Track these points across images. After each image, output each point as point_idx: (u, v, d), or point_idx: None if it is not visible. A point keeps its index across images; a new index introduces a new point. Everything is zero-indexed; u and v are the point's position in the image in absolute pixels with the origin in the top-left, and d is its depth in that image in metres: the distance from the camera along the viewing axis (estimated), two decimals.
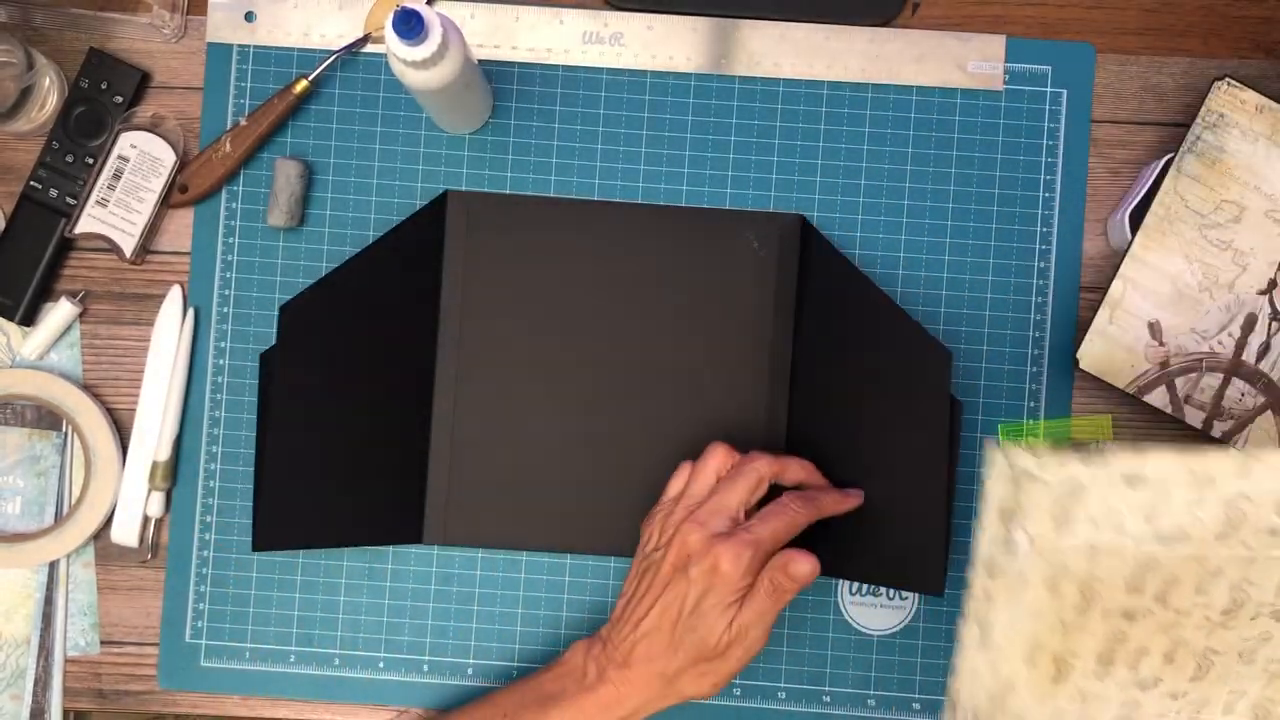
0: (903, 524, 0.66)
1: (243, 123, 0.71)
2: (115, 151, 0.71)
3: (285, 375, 0.68)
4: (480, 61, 0.71)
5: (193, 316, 0.72)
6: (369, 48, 0.73)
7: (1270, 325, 0.68)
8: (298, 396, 0.69)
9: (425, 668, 0.72)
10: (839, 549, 0.68)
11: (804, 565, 0.61)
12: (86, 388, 0.72)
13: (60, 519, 0.72)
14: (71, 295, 0.72)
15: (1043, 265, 0.72)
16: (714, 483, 0.64)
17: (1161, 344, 0.68)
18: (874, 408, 0.68)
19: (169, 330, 0.72)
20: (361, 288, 0.70)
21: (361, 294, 0.70)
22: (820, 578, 0.71)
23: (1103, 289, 0.69)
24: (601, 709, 0.61)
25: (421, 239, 0.71)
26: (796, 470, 0.66)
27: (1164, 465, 0.39)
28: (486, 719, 0.63)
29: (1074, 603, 0.40)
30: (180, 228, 0.73)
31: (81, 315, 0.73)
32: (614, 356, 0.71)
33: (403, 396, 0.71)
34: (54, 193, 0.71)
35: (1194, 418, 0.68)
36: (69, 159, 0.71)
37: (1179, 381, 0.68)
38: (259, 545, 0.68)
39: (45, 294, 0.73)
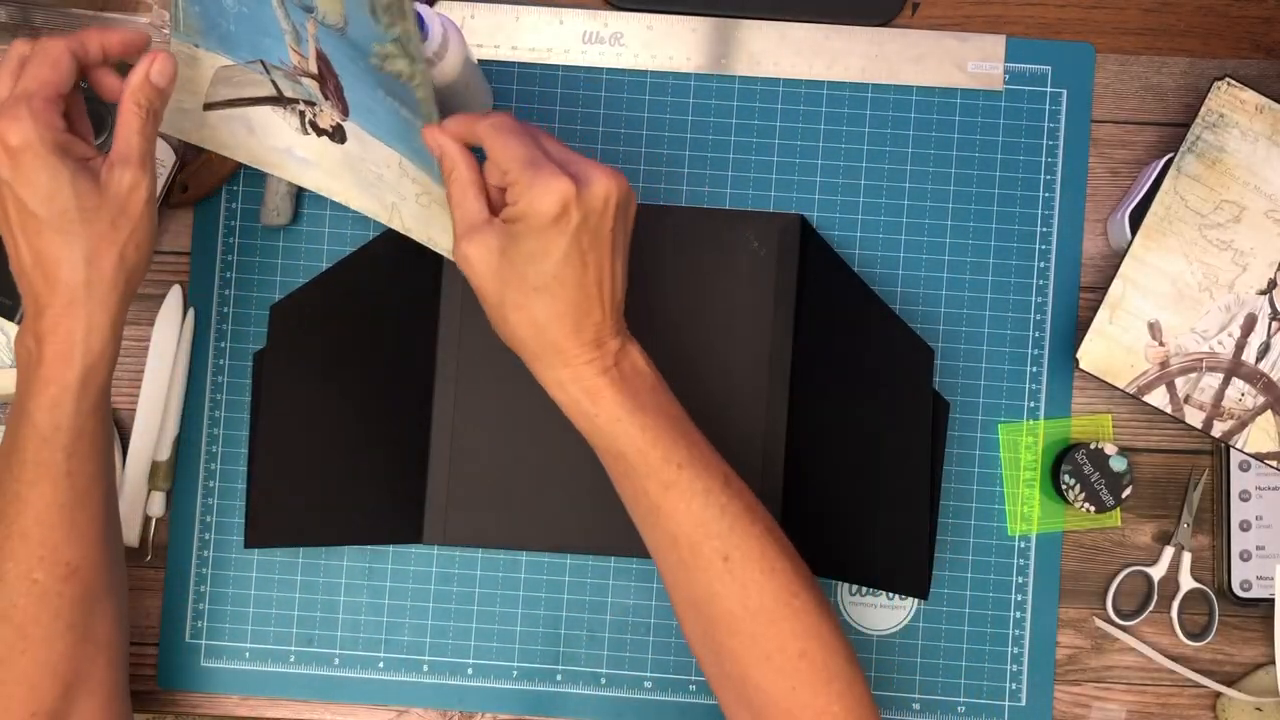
0: (889, 526, 0.66)
1: None
2: None
3: (276, 374, 0.68)
4: (480, 61, 0.71)
5: (192, 316, 0.72)
6: None
7: (1270, 325, 0.68)
8: (289, 395, 0.69)
9: (425, 668, 0.72)
10: (828, 550, 0.68)
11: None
12: None
13: None
14: None
15: (1043, 265, 0.72)
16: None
17: (1161, 344, 0.68)
18: (864, 407, 0.68)
19: (169, 330, 0.72)
20: (358, 287, 0.70)
21: (357, 293, 0.70)
22: (817, 578, 0.71)
23: (1103, 289, 0.69)
24: None
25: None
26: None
27: None
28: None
29: None
30: (180, 227, 0.73)
31: None
32: None
33: (402, 396, 0.71)
34: None
35: (1194, 418, 0.68)
36: None
37: (1179, 381, 0.68)
38: (250, 542, 0.68)
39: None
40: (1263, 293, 0.68)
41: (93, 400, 0.56)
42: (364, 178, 0.59)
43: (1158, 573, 0.72)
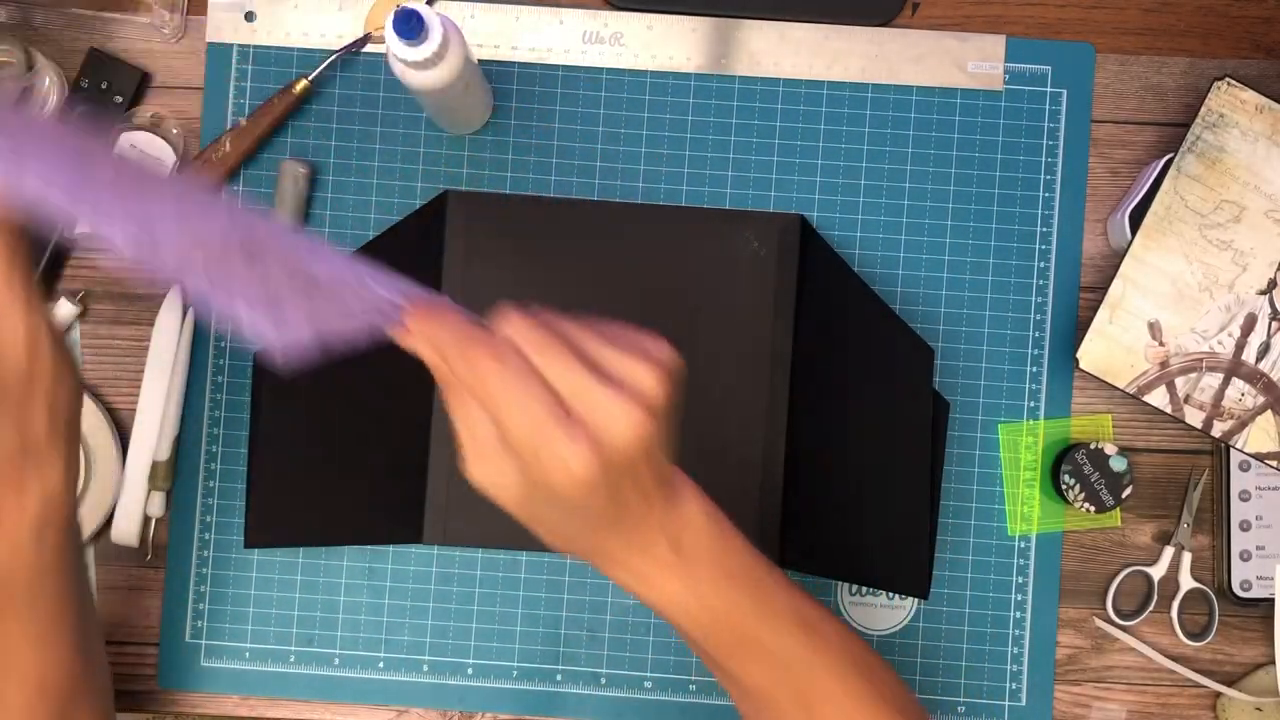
0: (889, 525, 0.66)
1: (243, 123, 0.71)
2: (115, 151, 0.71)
3: (275, 374, 0.68)
4: (480, 61, 0.71)
5: (192, 316, 0.72)
6: (369, 48, 0.73)
7: (1270, 325, 0.68)
8: (289, 395, 0.69)
9: (425, 668, 0.72)
10: (829, 550, 0.68)
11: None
12: (86, 388, 0.72)
13: None
14: (71, 295, 0.72)
15: (1043, 265, 0.72)
16: None
17: (1161, 344, 0.68)
18: (864, 407, 0.68)
19: (169, 330, 0.72)
20: None
21: None
22: (816, 578, 0.71)
23: (1103, 289, 0.69)
24: None
25: (420, 239, 0.71)
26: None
27: None
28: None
29: None
30: None
31: (81, 315, 0.73)
32: None
33: (402, 396, 0.71)
34: None
35: (1194, 418, 0.68)
36: None
37: (1179, 381, 0.68)
38: (250, 543, 0.68)
39: (45, 294, 0.73)
40: (1263, 293, 0.68)
41: (54, 540, 0.53)
42: None
43: (1158, 573, 0.72)
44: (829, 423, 0.69)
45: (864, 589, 0.72)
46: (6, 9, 0.72)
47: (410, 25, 0.58)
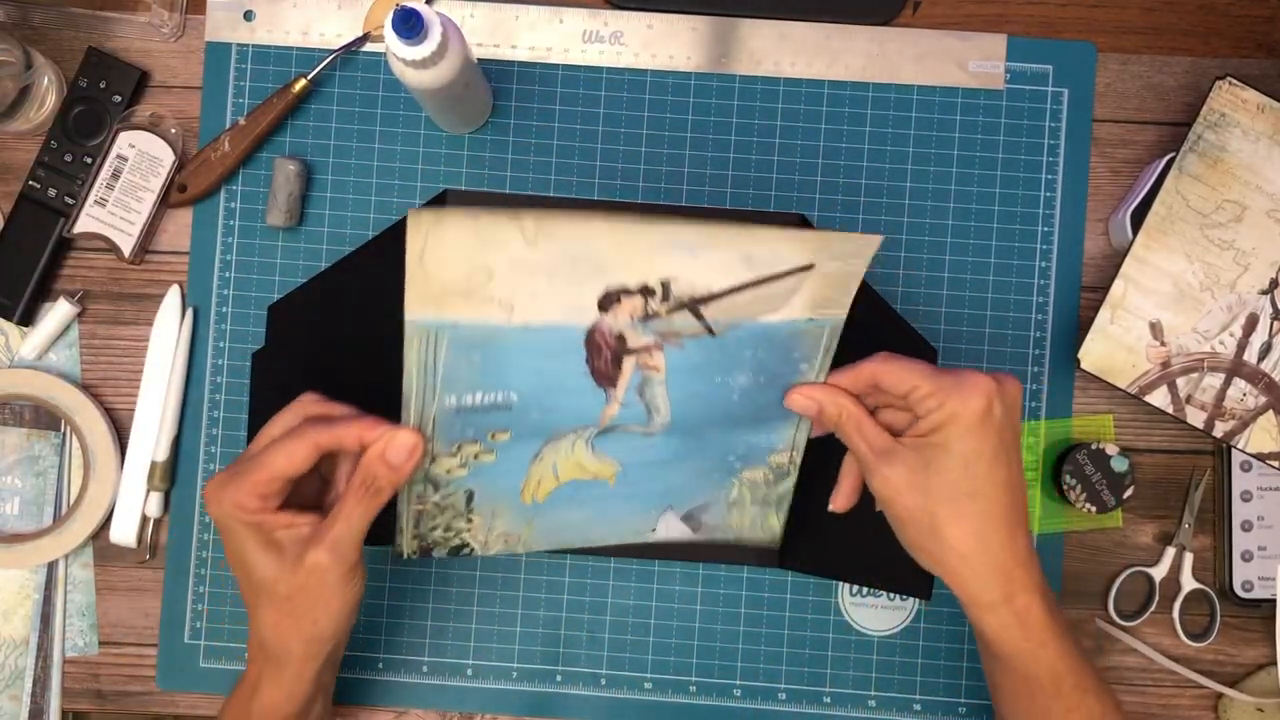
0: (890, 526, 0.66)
1: (241, 122, 0.71)
2: (114, 151, 0.71)
3: (274, 375, 0.68)
4: (480, 61, 0.71)
5: (191, 316, 0.72)
6: (368, 47, 0.73)
7: (1272, 325, 0.68)
8: (287, 395, 0.68)
9: (425, 668, 0.72)
10: (830, 551, 0.68)
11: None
12: (85, 388, 0.72)
13: (59, 519, 0.72)
14: (70, 295, 0.72)
15: (1044, 265, 0.72)
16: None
17: (1163, 344, 0.68)
18: None
19: (168, 330, 0.72)
20: (356, 286, 0.70)
21: (356, 293, 0.70)
22: (817, 579, 0.71)
23: (1104, 288, 0.69)
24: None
25: None
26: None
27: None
28: None
29: None
30: (179, 227, 0.73)
31: (80, 315, 0.73)
32: None
33: (401, 396, 0.70)
34: (52, 192, 0.71)
35: (1195, 418, 0.68)
36: (67, 158, 0.71)
37: (1180, 381, 0.68)
38: None
39: (44, 294, 0.73)
40: (1264, 292, 0.68)
41: None
42: None
43: (1159, 573, 0.71)
44: None
45: (865, 589, 0.72)
46: (5, 8, 0.72)
47: (410, 25, 0.58)
